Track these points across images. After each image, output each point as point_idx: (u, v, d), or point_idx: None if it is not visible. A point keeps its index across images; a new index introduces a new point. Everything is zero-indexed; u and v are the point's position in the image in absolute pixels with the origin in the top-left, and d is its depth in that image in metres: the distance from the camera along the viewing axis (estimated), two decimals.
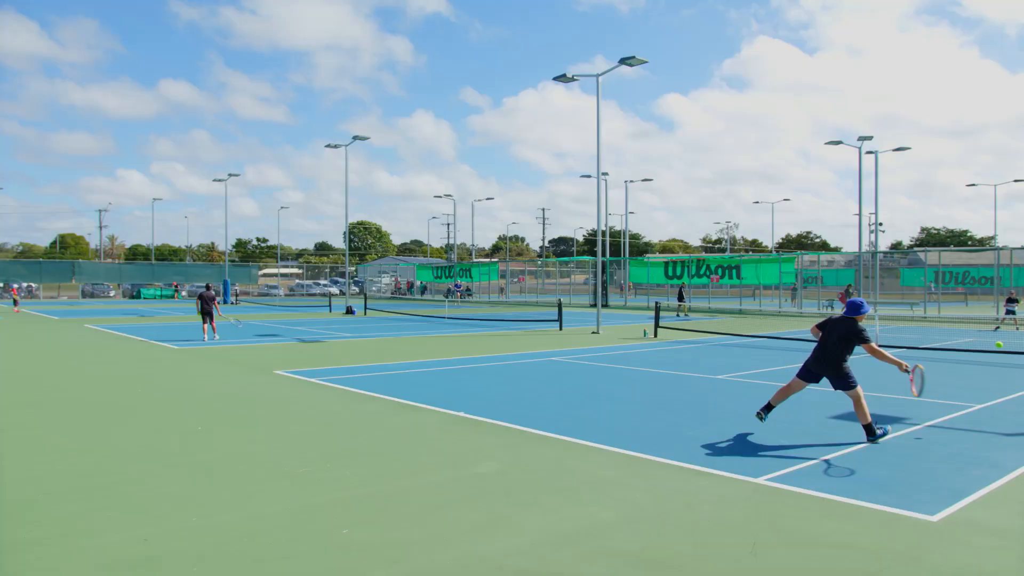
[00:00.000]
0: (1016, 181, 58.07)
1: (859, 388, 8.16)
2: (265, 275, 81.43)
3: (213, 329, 21.39)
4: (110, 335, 23.04)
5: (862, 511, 5.74)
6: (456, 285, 53.05)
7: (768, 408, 8.48)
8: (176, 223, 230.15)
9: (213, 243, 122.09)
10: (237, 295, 52.98)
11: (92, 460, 7.45)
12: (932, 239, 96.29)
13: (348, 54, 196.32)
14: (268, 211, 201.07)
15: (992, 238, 66.65)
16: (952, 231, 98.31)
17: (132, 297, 57.17)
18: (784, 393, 8.54)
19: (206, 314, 21.27)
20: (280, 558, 4.84)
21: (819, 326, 8.69)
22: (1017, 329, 25.98)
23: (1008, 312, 26.35)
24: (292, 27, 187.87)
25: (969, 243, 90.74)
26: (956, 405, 10.39)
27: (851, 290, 36.27)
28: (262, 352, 17.95)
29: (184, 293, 59.57)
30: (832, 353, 8.26)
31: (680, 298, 37.53)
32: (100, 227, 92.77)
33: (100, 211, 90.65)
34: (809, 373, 8.40)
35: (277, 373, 13.92)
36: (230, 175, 52.12)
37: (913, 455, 7.54)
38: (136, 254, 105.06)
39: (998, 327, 26.58)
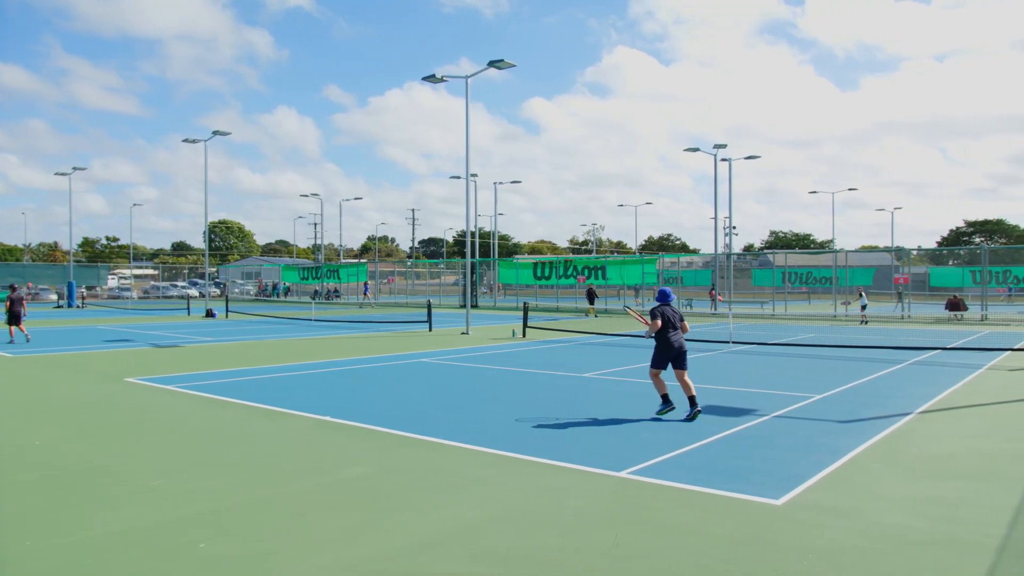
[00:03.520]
0: (850, 190, 63.75)
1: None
2: (117, 276, 76.27)
3: (22, 330, 20.90)
4: None
5: (716, 499, 6.07)
6: (367, 286, 50.80)
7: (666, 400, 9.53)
8: (12, 220, 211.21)
9: (56, 242, 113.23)
10: (84, 298, 49.24)
11: None
12: (780, 242, 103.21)
13: (204, 45, 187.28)
14: (119, 208, 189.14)
15: (831, 241, 72.39)
16: (797, 234, 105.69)
17: None
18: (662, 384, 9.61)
19: (15, 316, 20.91)
20: None
21: (663, 320, 9.49)
22: (865, 324, 28.33)
23: (863, 307, 28.69)
24: (141, 12, 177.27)
25: (812, 246, 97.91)
26: (799, 396, 11.18)
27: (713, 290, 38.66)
28: (112, 358, 16.79)
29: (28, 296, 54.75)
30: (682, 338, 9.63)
31: (591, 300, 35.13)
32: None
33: None
34: (665, 362, 9.51)
35: (128, 380, 13.06)
36: (75, 169, 48.48)
37: (760, 444, 8.04)
38: None
39: (865, 321, 28.80)
